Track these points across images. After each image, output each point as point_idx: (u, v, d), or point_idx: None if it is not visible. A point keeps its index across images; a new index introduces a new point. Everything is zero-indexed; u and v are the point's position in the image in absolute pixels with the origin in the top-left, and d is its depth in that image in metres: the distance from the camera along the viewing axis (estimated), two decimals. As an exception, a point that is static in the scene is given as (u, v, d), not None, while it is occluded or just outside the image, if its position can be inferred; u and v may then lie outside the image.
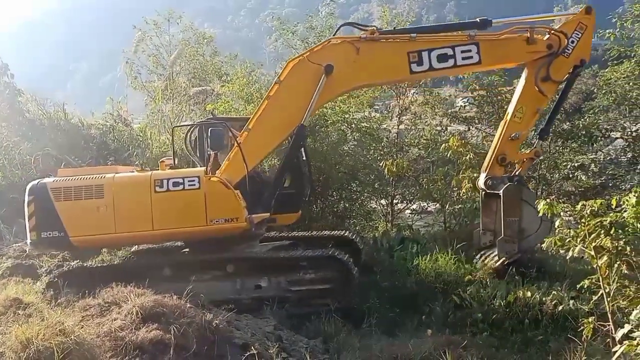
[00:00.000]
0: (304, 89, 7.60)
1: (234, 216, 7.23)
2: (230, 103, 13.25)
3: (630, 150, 13.14)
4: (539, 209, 5.76)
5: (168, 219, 7.24)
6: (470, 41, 7.84)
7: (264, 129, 7.74)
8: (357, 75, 7.97)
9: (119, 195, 7.27)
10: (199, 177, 7.27)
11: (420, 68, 7.77)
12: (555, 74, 7.96)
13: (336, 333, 6.76)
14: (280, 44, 16.72)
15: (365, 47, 7.69)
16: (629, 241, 4.91)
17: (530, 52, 7.93)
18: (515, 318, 7.14)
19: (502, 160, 8.27)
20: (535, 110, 8.29)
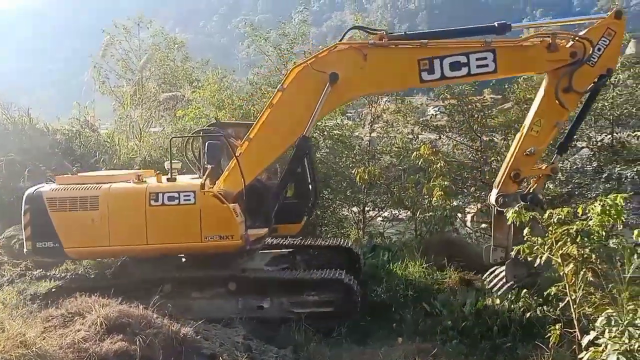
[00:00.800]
0: (307, 97, 7.25)
1: (229, 233, 7.12)
2: (201, 109, 13.13)
3: (595, 160, 13.45)
4: (508, 218, 5.84)
5: (162, 233, 7.14)
6: (486, 48, 7.17)
7: (266, 138, 7.45)
8: (364, 83, 7.56)
9: (113, 208, 7.17)
10: (194, 192, 7.15)
11: (431, 77, 7.23)
12: (578, 85, 7.18)
13: (306, 342, 6.70)
14: (252, 50, 16.67)
15: (373, 54, 7.19)
16: (594, 249, 5.02)
17: (552, 60, 7.19)
18: (484, 325, 7.19)
19: (516, 176, 7.54)
20: (554, 124, 7.44)
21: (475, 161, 13.66)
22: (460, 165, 13.53)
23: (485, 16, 65.14)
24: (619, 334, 4.21)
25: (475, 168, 13.58)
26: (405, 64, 7.26)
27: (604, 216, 4.93)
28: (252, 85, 16.38)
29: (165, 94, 16.23)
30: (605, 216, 4.93)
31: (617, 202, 4.91)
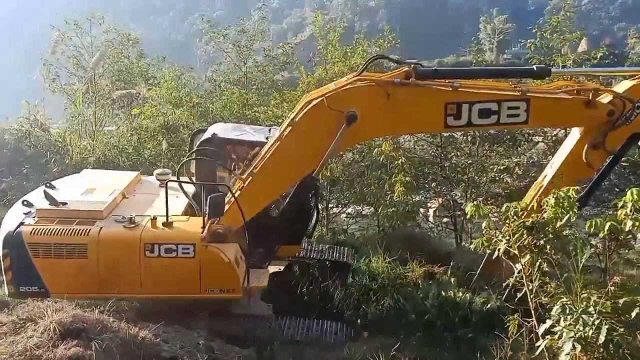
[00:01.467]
0: (320, 136, 6.58)
1: (231, 287, 6.71)
2: (157, 107, 12.86)
3: (550, 154, 13.79)
4: (467, 212, 5.92)
5: (159, 284, 6.69)
6: (521, 97, 6.60)
7: (271, 174, 6.83)
8: (383, 125, 6.96)
9: (104, 257, 6.57)
10: (194, 246, 6.59)
11: (457, 122, 6.67)
12: (610, 144, 6.81)
13: (269, 341, 6.63)
14: (211, 47, 16.46)
15: (397, 93, 6.48)
16: (549, 240, 5.14)
17: (588, 117, 6.76)
18: (446, 317, 7.29)
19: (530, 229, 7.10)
20: (576, 180, 6.88)
21: (436, 157, 13.85)
22: (422, 160, 13.71)
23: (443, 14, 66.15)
24: (573, 322, 4.32)
25: (436, 163, 13.77)
26: (432, 107, 6.67)
27: (558, 208, 5.06)
28: (210, 83, 16.26)
29: (119, 92, 15.79)
30: (558, 208, 5.05)
31: (569, 194, 5.04)
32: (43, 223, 6.70)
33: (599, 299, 4.35)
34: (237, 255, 6.79)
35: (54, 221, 6.71)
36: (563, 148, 7.30)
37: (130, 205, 7.32)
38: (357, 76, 6.65)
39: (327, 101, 6.47)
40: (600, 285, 4.73)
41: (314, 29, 14.10)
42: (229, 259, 6.58)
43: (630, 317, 4.28)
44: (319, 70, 13.62)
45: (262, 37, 15.58)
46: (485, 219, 5.65)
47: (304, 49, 17.29)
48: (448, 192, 13.78)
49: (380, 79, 6.63)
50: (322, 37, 14.32)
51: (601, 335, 4.11)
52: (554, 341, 4.43)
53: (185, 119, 13.49)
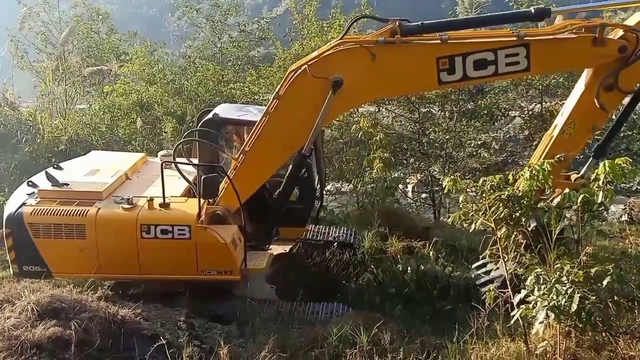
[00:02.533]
0: (307, 107, 6.29)
1: (228, 269, 6.65)
2: (130, 84, 12.59)
3: (526, 128, 14.02)
4: (444, 186, 5.98)
5: (156, 266, 6.65)
6: (519, 42, 6.05)
7: (263, 152, 6.61)
8: (372, 88, 6.57)
9: (102, 238, 6.57)
10: (189, 227, 6.53)
11: (452, 77, 6.19)
12: (625, 83, 6.14)
13: (252, 317, 6.67)
14: (184, 22, 16.12)
15: (383, 53, 6.09)
16: (524, 212, 5.24)
17: (597, 56, 6.12)
18: (425, 290, 7.41)
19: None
20: (590, 127, 6.49)
21: (414, 133, 13.93)
22: (400, 136, 13.77)
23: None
24: (547, 292, 4.44)
25: (414, 139, 13.86)
26: (422, 64, 6.23)
27: (532, 181, 5.14)
28: (185, 59, 15.96)
29: (90, 69, 15.34)
30: (533, 181, 5.14)
31: (544, 167, 5.13)
32: (44, 203, 6.70)
33: (571, 269, 4.47)
34: (235, 237, 6.69)
35: (55, 202, 6.71)
36: (573, 93, 6.61)
37: (132, 187, 7.29)
38: (340, 40, 6.27)
39: (310, 69, 6.13)
40: (573, 255, 4.85)
41: (290, 3, 13.88)
42: (225, 240, 6.51)
43: (602, 286, 4.41)
44: (295, 45, 13.47)
45: (237, 11, 15.27)
46: (462, 194, 5.73)
47: (280, 23, 17.06)
48: (426, 168, 13.92)
49: (364, 40, 6.24)
50: (298, 11, 14.13)
51: (573, 303, 4.24)
52: (528, 310, 4.55)
53: (160, 96, 13.26)
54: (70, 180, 7.07)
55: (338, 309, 7.13)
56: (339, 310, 7.07)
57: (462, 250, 8.69)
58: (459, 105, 13.49)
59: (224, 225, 6.65)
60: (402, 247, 9.15)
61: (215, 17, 14.33)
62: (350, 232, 9.01)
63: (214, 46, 15.96)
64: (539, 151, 6.76)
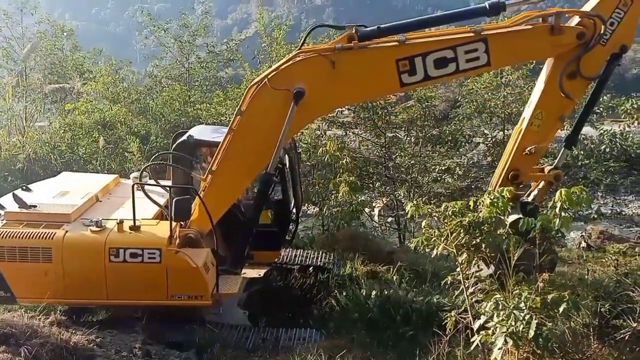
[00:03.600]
0: (270, 120, 6.20)
1: (199, 294, 6.44)
2: (93, 103, 12.37)
3: (489, 155, 14.36)
4: (407, 211, 6.02)
5: (124, 290, 6.43)
6: (476, 38, 6.04)
7: (230, 170, 6.49)
8: (334, 96, 6.48)
9: (69, 262, 6.34)
10: (160, 250, 6.33)
11: (413, 78, 6.16)
12: (587, 69, 6.12)
13: (210, 344, 6.51)
14: (151, 42, 16.01)
15: (342, 59, 6.06)
16: (485, 239, 5.30)
17: (556, 45, 6.08)
18: (388, 316, 7.38)
19: (514, 177, 6.51)
20: (558, 117, 6.44)
21: (381, 157, 14.09)
22: (366, 160, 13.90)
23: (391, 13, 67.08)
24: (505, 318, 4.47)
25: (380, 164, 14.02)
26: (382, 67, 6.19)
27: (493, 208, 5.23)
28: (151, 78, 15.81)
29: (52, 86, 15.08)
30: (493, 208, 5.22)
31: (503, 194, 5.23)
32: (9, 226, 6.48)
33: (529, 295, 4.52)
34: (207, 261, 6.53)
35: (22, 224, 6.51)
36: (537, 84, 6.58)
37: (102, 209, 7.12)
38: (298, 50, 6.23)
39: (270, 82, 6.10)
40: (532, 281, 4.92)
41: (259, 26, 13.98)
42: (197, 264, 6.33)
43: (558, 312, 4.48)
44: (263, 67, 13.54)
45: (205, 32, 15.27)
46: (424, 219, 5.77)
47: (249, 45, 17.12)
48: (392, 192, 14.06)
49: (322, 48, 6.22)
50: (267, 34, 14.23)
51: (531, 329, 4.28)
52: (487, 337, 4.57)
53: (123, 115, 13.07)
54: (38, 202, 6.85)
55: (311, 335, 7.00)
56: (312, 337, 6.94)
57: (425, 275, 8.73)
58: (425, 131, 13.76)
59: (195, 249, 6.50)
60: (366, 271, 9.15)
61: (184, 38, 14.27)
62: (327, 255, 8.90)
63: (182, 66, 15.92)
64: (509, 146, 6.70)
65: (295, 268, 8.42)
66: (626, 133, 12.39)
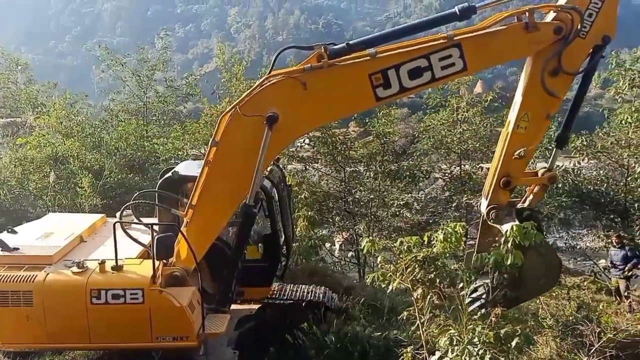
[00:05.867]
0: (245, 149, 6.01)
1: (184, 334, 6.18)
2: (45, 137, 12.03)
3: (447, 190, 14.63)
4: (363, 247, 6.00)
5: (107, 333, 6.19)
6: (449, 44, 5.84)
7: (210, 204, 6.25)
8: (309, 117, 6.27)
9: (50, 305, 6.11)
10: (142, 290, 6.11)
11: (389, 92, 5.95)
12: (569, 65, 5.88)
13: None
14: (109, 75, 15.82)
15: (313, 80, 5.90)
16: (439, 274, 5.33)
17: (533, 42, 5.87)
18: (345, 352, 7.26)
19: (507, 184, 6.26)
20: (545, 116, 6.20)
21: (340, 191, 14.16)
22: (326, 195, 13.93)
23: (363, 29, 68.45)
24: (460, 353, 4.46)
25: (340, 198, 14.07)
26: (355, 83, 5.98)
27: (446, 243, 5.28)
28: (107, 112, 15.56)
29: (3, 120, 14.64)
30: (447, 243, 5.27)
31: (456, 229, 5.29)
32: None
33: (483, 330, 4.53)
34: (193, 300, 6.28)
35: (4, 267, 6.29)
36: (520, 85, 6.34)
37: (86, 249, 6.91)
38: (267, 75, 6.04)
39: (241, 110, 5.91)
40: (485, 316, 4.95)
41: (219, 61, 14.03)
42: (181, 303, 6.08)
43: (511, 346, 4.49)
44: (223, 102, 13.53)
45: (164, 66, 15.20)
46: (380, 254, 5.78)
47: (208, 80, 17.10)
48: (352, 226, 14.09)
49: (291, 70, 6.04)
50: (227, 69, 14.29)
51: (484, 365, 4.27)
52: (443, 373, 4.54)
53: (76, 149, 12.73)
54: (21, 244, 6.66)
55: None
56: None
57: (383, 310, 8.68)
58: (384, 166, 13.94)
59: (179, 287, 6.25)
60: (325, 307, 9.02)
61: (142, 72, 14.15)
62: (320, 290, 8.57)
63: (139, 100, 15.77)
64: (497, 151, 6.46)
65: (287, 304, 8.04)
66: (577, 169, 12.82)
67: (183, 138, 13.00)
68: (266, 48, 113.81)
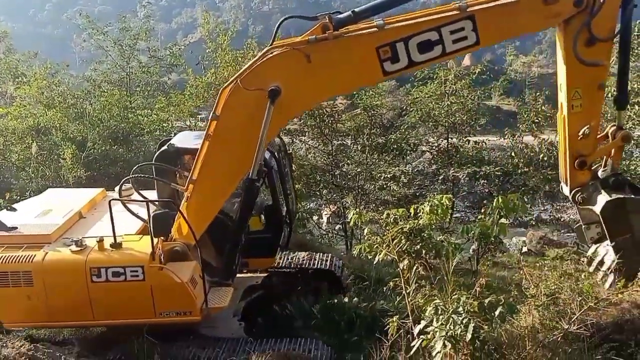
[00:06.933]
0: (247, 123, 5.82)
1: (187, 309, 6.18)
2: (27, 107, 11.81)
3: (434, 163, 14.68)
4: (350, 219, 6.01)
5: (110, 311, 6.17)
6: (462, 16, 5.47)
7: (210, 179, 6.13)
8: (312, 91, 6.05)
9: (50, 285, 6.09)
10: (142, 267, 6.06)
11: (397, 66, 5.64)
12: (601, 31, 5.45)
13: (148, 355, 6.27)
14: (90, 45, 15.47)
15: (317, 52, 5.62)
16: (425, 245, 5.37)
17: (551, 16, 5.49)
18: (332, 322, 7.35)
19: (582, 164, 5.96)
20: (597, 87, 5.74)
21: (328, 164, 14.14)
22: (313, 168, 13.92)
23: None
24: (444, 322, 4.51)
25: (327, 171, 14.06)
26: (362, 57, 5.68)
27: (432, 215, 5.30)
28: (90, 82, 15.30)
29: (-18, 90, 14.34)
30: (433, 215, 5.30)
31: (442, 202, 5.31)
32: None
33: (467, 299, 4.59)
34: (194, 275, 6.26)
35: (2, 248, 6.26)
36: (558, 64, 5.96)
37: (85, 226, 6.87)
38: (270, 47, 5.77)
39: (242, 83, 5.67)
40: (470, 286, 5.01)
41: (203, 31, 13.77)
42: (182, 279, 6.06)
43: (494, 315, 4.56)
44: (208, 73, 13.33)
45: (147, 36, 14.88)
46: (367, 226, 5.80)
47: (193, 51, 16.82)
48: (339, 199, 14.13)
49: (295, 42, 5.71)
50: (212, 40, 14.03)
51: (468, 333, 4.33)
52: (427, 341, 4.60)
53: (59, 120, 12.52)
54: (20, 223, 6.61)
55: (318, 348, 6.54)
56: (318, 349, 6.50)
57: (370, 281, 8.77)
58: (371, 139, 13.92)
59: (180, 263, 6.22)
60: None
61: (124, 41, 13.85)
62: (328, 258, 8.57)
63: (122, 70, 15.46)
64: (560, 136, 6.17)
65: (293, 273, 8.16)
66: None
67: (168, 110, 12.83)
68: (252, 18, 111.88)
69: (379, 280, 8.62)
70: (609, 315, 5.50)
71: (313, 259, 8.54)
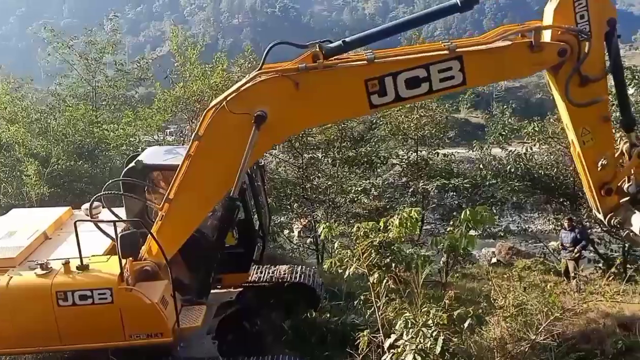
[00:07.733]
0: (231, 146, 5.71)
1: (158, 331, 5.99)
2: (-12, 123, 11.49)
3: (404, 176, 14.80)
4: (320, 232, 5.99)
5: (78, 335, 5.95)
6: (451, 56, 5.55)
7: (188, 199, 5.98)
8: (299, 118, 6.02)
9: (15, 310, 5.87)
10: (111, 290, 5.86)
11: (384, 99, 5.64)
12: (592, 70, 5.52)
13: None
14: (55, 58, 15.15)
15: (306, 80, 5.58)
16: (395, 258, 5.39)
17: (535, 63, 5.64)
18: (303, 338, 7.28)
19: (609, 191, 5.97)
20: (603, 121, 5.82)
21: (298, 178, 14.10)
22: (284, 182, 13.85)
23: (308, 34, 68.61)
24: (414, 335, 4.52)
25: (298, 185, 14.01)
26: (350, 88, 5.69)
27: (402, 228, 5.33)
28: (54, 97, 14.96)
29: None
30: (402, 228, 5.32)
31: (411, 215, 5.34)
32: None
33: (437, 312, 4.60)
34: (165, 295, 6.08)
35: None
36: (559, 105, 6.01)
37: (52, 247, 6.67)
38: (259, 71, 5.73)
39: (228, 106, 5.60)
40: (440, 298, 5.03)
41: (172, 45, 13.65)
42: (152, 300, 5.88)
43: (464, 327, 4.59)
44: (177, 87, 13.19)
45: (114, 49, 14.68)
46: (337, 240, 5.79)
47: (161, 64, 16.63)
48: (310, 213, 14.07)
49: (284, 68, 5.67)
50: (181, 53, 13.92)
51: (438, 346, 4.34)
52: (397, 355, 4.59)
53: (22, 136, 12.17)
54: None
55: None
56: None
57: (341, 295, 8.74)
58: (342, 152, 13.96)
59: (150, 283, 6.04)
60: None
61: (90, 55, 13.62)
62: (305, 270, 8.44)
63: (88, 85, 15.18)
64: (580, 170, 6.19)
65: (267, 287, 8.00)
66: (530, 154, 13.21)
67: (135, 124, 12.62)
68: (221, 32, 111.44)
69: (350, 294, 8.59)
70: (575, 325, 5.60)
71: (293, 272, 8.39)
